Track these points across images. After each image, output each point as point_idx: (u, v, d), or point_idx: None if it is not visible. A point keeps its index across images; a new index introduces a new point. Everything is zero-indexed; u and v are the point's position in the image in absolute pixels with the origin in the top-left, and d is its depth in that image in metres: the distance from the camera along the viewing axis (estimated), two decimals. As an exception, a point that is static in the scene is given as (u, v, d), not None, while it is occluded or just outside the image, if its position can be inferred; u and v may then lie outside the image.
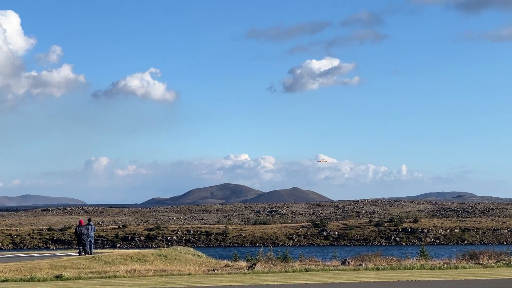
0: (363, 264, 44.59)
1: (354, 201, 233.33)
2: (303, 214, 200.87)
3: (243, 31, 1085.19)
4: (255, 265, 44.52)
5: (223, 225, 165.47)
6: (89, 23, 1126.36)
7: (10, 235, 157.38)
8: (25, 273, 39.27)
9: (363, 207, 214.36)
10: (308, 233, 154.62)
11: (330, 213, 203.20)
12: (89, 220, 53.99)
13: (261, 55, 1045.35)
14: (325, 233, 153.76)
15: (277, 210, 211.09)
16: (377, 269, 41.52)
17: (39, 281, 36.18)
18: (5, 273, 38.63)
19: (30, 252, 68.16)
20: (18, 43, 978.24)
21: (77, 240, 53.27)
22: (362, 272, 39.78)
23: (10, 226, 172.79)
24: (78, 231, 52.12)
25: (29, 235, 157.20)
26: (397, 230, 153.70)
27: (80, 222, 53.19)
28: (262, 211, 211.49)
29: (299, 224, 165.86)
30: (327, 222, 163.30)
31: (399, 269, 41.55)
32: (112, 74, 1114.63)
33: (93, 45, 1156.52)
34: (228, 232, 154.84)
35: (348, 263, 46.29)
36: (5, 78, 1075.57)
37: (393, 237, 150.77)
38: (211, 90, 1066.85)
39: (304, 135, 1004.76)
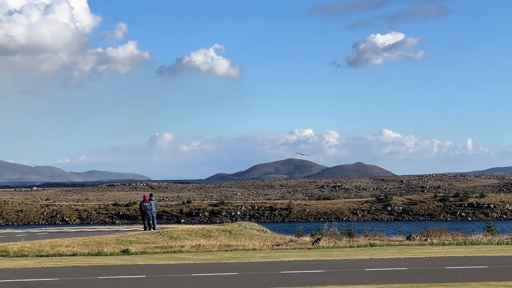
0: (428, 239, 44.21)
1: (418, 176, 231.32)
2: (367, 189, 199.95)
3: (305, 7, 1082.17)
4: (320, 240, 44.44)
5: (287, 200, 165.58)
6: (154, 0, 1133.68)
7: (77, 210, 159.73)
8: (92, 247, 39.77)
9: (427, 182, 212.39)
10: (372, 208, 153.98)
11: (394, 188, 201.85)
12: (151, 195, 54.33)
13: (323, 31, 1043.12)
14: (389, 208, 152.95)
15: (341, 185, 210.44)
16: (443, 244, 41.14)
17: (106, 255, 36.61)
18: (73, 247, 39.18)
19: (96, 227, 69.01)
20: (85, 21, 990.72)
21: (141, 216, 53.73)
22: (428, 247, 39.45)
23: (77, 202, 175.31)
24: (143, 207, 52.53)
25: (95, 210, 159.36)
26: (463, 205, 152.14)
27: (144, 197, 53.59)
28: (326, 186, 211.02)
29: (363, 199, 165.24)
30: (391, 197, 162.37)
31: (465, 244, 41.11)
32: (176, 50, 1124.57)
33: (157, 22, 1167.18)
34: (292, 207, 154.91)
35: (413, 238, 45.93)
36: (71, 55, 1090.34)
37: (458, 212, 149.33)
38: (275, 65, 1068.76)
39: (368, 110, 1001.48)
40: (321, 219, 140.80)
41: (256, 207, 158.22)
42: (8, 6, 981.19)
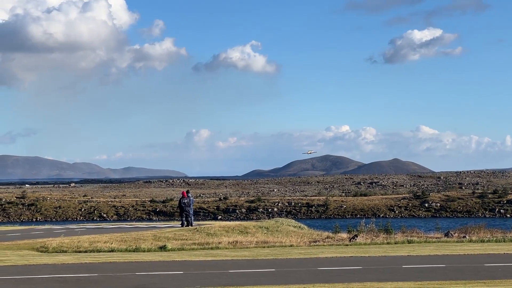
0: (467, 236, 43.85)
1: (456, 172, 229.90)
2: (404, 186, 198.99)
3: (342, 3, 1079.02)
4: (357, 236, 44.28)
5: (324, 197, 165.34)
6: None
7: (114, 206, 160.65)
8: (130, 243, 39.96)
9: (465, 178, 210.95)
10: (410, 204, 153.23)
11: (431, 184, 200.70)
12: (188, 192, 54.54)
13: (360, 27, 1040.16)
14: (426, 205, 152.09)
15: (378, 182, 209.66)
16: (482, 241, 40.79)
17: (143, 251, 36.76)
18: (111, 243, 39.39)
19: (133, 223, 69.42)
20: (122, 18, 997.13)
21: (180, 212, 53.94)
22: (466, 244, 39.13)
23: (114, 198, 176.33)
24: (182, 203, 52.74)
25: (132, 206, 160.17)
26: (502, 202, 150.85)
27: (182, 194, 53.78)
28: (363, 183, 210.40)
29: (400, 196, 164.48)
30: (429, 194, 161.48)
31: (504, 241, 40.69)
32: (213, 47, 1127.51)
33: (194, 19, 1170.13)
34: (329, 204, 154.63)
35: (451, 235, 45.59)
36: (109, 52, 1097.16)
37: (497, 209, 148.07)
38: (311, 62, 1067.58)
39: (405, 106, 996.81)
40: (358, 216, 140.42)
41: (293, 203, 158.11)
42: (47, 4, 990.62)
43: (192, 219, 53.72)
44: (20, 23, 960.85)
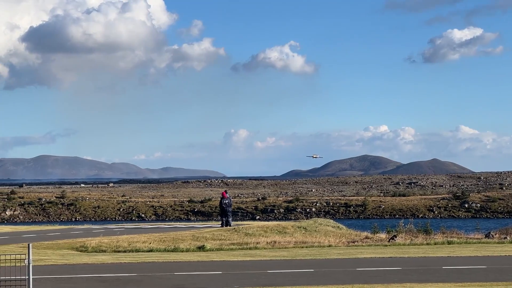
0: (508, 237, 43.45)
1: (496, 172, 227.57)
2: (444, 186, 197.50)
3: (381, 3, 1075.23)
4: (396, 237, 44.06)
5: (362, 197, 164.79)
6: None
7: (152, 206, 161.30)
8: (168, 243, 40.08)
9: (506, 179, 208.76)
10: (449, 205, 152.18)
11: (471, 185, 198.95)
12: (226, 192, 54.72)
13: (399, 26, 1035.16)
14: (466, 205, 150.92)
15: (417, 182, 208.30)
16: (523, 242, 40.41)
17: (182, 251, 36.85)
18: (150, 243, 39.54)
19: (172, 223, 69.64)
20: (161, 19, 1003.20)
21: (220, 213, 54.08)
22: (507, 245, 38.79)
23: (153, 198, 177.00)
24: (223, 204, 52.85)
25: (170, 206, 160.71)
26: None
27: (223, 194, 53.91)
28: (402, 183, 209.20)
29: (440, 196, 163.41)
30: (469, 194, 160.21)
31: (546, 242, 40.30)
32: (252, 47, 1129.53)
33: (233, 19, 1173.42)
34: (367, 204, 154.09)
35: (492, 236, 45.20)
36: (148, 52, 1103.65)
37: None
38: (350, 62, 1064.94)
39: (444, 106, 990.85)
40: (397, 216, 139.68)
41: (331, 203, 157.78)
42: (86, 5, 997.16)
43: (231, 219, 53.78)
44: (60, 24, 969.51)
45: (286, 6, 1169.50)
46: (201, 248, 38.05)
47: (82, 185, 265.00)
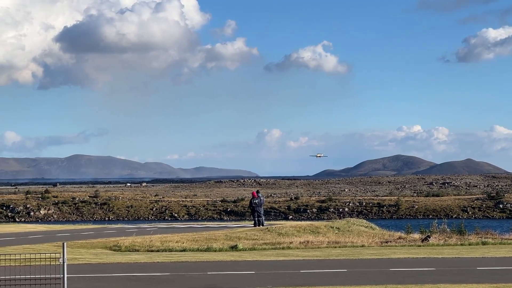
0: (543, 238, 43.05)
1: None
2: (478, 186, 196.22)
3: (414, 3, 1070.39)
4: (429, 237, 43.81)
5: (395, 197, 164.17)
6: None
7: (185, 206, 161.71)
8: (201, 243, 40.13)
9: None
10: (483, 205, 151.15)
11: (506, 185, 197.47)
12: (258, 192, 54.79)
13: (432, 26, 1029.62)
14: (501, 206, 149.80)
15: (451, 182, 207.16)
16: (558, 243, 40.03)
17: (215, 251, 36.88)
18: (183, 243, 39.62)
19: (205, 223, 69.72)
20: (195, 19, 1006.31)
21: (251, 212, 54.10)
22: (542, 246, 38.43)
23: (185, 198, 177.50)
24: (253, 203, 52.87)
25: (203, 206, 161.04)
26: None
27: (253, 194, 53.95)
28: (435, 183, 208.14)
29: (474, 196, 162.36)
30: (504, 195, 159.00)
31: None
32: (285, 47, 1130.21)
33: (266, 19, 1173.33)
34: (400, 204, 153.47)
35: (527, 236, 44.80)
36: (181, 52, 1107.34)
37: None
38: (383, 61, 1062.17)
39: (479, 106, 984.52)
40: (430, 216, 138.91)
41: (364, 203, 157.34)
42: (120, 5, 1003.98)
43: (263, 219, 53.76)
44: (93, 24, 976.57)
45: (319, 6, 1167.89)
46: (234, 248, 38.07)
47: (128, 184, 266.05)
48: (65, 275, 19.02)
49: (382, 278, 24.47)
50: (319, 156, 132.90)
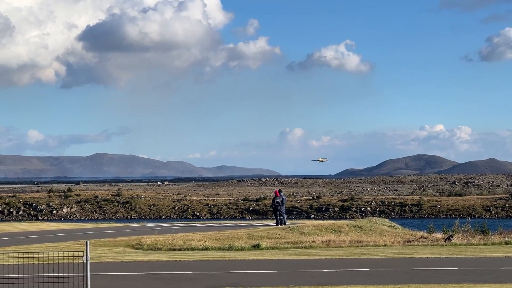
0: None
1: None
2: (501, 186, 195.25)
3: (436, 2, 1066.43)
4: (452, 237, 43.62)
5: (417, 196, 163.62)
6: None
7: (207, 205, 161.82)
8: (223, 242, 40.16)
9: None
10: (507, 205, 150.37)
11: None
12: (280, 191, 54.72)
13: (454, 25, 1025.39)
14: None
15: (473, 181, 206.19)
16: None
17: (237, 250, 36.91)
18: (205, 241, 39.66)
19: (227, 221, 69.78)
20: (217, 18, 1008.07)
21: (273, 211, 54.11)
22: None
23: (207, 196, 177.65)
24: (275, 202, 52.87)
25: (225, 205, 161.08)
26: None
27: (275, 193, 53.92)
28: (458, 182, 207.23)
29: (497, 196, 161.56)
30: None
31: None
32: (307, 46, 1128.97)
33: (288, 18, 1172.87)
34: (423, 203, 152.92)
35: (551, 236, 44.51)
36: (203, 51, 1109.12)
37: None
38: (405, 61, 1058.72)
39: (502, 105, 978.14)
40: (453, 216, 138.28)
41: (386, 202, 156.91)
42: (143, 4, 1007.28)
43: (285, 217, 53.74)
44: (116, 22, 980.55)
45: (342, 5, 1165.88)
46: (256, 247, 38.07)
47: (159, 182, 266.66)
48: (88, 273, 19.10)
49: (405, 278, 24.41)
50: (322, 161, 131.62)
